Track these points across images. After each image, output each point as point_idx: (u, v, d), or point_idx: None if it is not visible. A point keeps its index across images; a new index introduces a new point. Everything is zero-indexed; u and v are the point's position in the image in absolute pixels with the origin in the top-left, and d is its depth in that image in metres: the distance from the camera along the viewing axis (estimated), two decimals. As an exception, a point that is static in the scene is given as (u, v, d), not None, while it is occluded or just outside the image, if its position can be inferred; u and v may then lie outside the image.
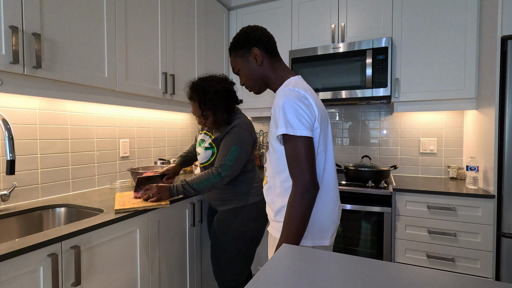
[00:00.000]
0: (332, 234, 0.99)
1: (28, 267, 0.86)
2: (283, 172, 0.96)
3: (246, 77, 1.05)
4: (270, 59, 1.04)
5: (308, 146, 0.87)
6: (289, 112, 0.88)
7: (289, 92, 0.91)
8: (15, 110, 1.32)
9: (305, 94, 0.93)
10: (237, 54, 1.05)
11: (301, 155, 0.86)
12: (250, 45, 1.02)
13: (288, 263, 0.61)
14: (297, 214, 0.86)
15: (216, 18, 2.36)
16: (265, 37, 1.03)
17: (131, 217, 1.20)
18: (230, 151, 1.31)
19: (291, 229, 0.86)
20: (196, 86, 1.36)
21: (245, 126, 1.36)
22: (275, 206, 0.99)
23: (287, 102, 0.89)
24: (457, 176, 2.05)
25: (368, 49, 1.97)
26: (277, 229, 0.98)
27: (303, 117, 0.88)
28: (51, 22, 1.16)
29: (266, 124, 2.78)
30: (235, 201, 1.40)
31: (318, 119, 0.93)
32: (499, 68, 1.54)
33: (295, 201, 0.86)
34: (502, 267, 1.52)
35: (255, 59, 1.02)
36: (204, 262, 1.70)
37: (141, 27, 1.61)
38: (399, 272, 0.56)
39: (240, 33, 1.05)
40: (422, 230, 1.71)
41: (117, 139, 1.82)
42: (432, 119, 2.21)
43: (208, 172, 1.32)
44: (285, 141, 0.90)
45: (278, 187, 0.98)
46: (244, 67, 1.04)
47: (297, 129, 0.86)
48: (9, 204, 1.30)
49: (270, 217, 1.04)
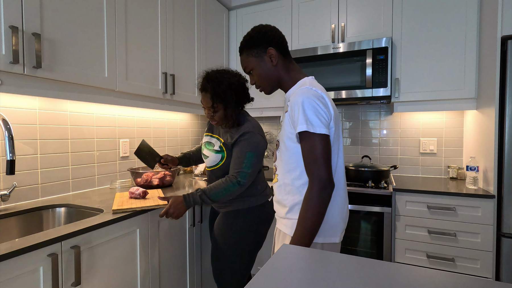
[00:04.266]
0: (341, 232, 1.00)
1: (28, 267, 0.86)
2: (295, 170, 0.97)
3: (260, 77, 1.04)
4: (284, 59, 1.03)
5: (326, 144, 0.89)
6: (308, 110, 0.89)
7: (307, 91, 0.92)
8: (15, 110, 1.32)
9: (322, 94, 0.93)
10: (250, 53, 1.03)
11: (319, 152, 0.87)
12: (265, 45, 1.01)
13: (288, 263, 0.61)
14: (314, 211, 0.87)
15: (216, 18, 2.36)
16: (279, 37, 1.02)
17: (131, 217, 1.20)
18: (246, 158, 1.27)
19: (307, 225, 0.87)
20: (211, 77, 1.32)
21: (256, 130, 1.33)
22: (286, 203, 0.99)
23: (306, 100, 0.90)
24: (457, 176, 2.05)
25: (368, 49, 1.97)
26: (288, 225, 0.98)
27: (321, 116, 0.89)
28: (51, 22, 1.16)
29: (266, 124, 2.78)
30: (238, 203, 1.37)
31: (333, 119, 0.94)
32: (499, 68, 1.54)
33: (312, 197, 0.87)
34: (502, 267, 1.52)
35: (270, 59, 1.01)
36: (204, 262, 1.70)
37: (141, 27, 1.61)
38: (399, 272, 0.56)
39: (254, 31, 1.03)
40: (422, 230, 1.71)
41: (117, 139, 1.82)
42: (432, 119, 2.21)
43: (226, 181, 1.27)
44: (303, 138, 0.91)
45: (289, 184, 0.98)
46: (258, 67, 1.03)
47: (317, 126, 0.88)
48: (9, 204, 1.30)
49: (279, 214, 1.04)
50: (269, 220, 1.43)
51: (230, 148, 1.35)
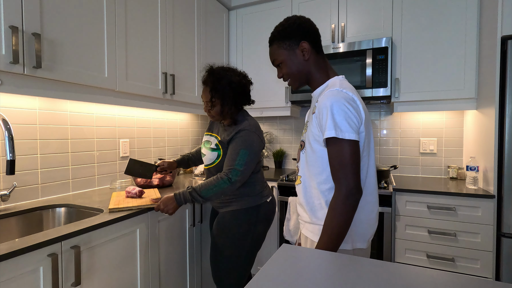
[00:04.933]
0: (369, 237, 0.96)
1: (28, 267, 0.86)
2: (321, 173, 0.93)
3: (290, 70, 0.98)
4: (317, 54, 0.98)
5: (354, 150, 0.85)
6: (338, 114, 0.85)
7: (337, 93, 0.87)
8: (15, 110, 1.32)
9: (353, 96, 0.89)
10: (282, 45, 0.97)
11: (347, 159, 0.84)
12: (299, 37, 0.95)
13: (288, 263, 0.61)
14: (340, 219, 0.83)
15: (216, 18, 2.36)
16: (314, 31, 0.97)
17: (131, 217, 1.20)
18: (239, 155, 1.27)
19: (332, 233, 0.83)
20: (213, 71, 1.35)
21: (253, 128, 1.33)
22: (310, 207, 0.96)
23: (335, 104, 0.85)
24: (457, 176, 2.05)
25: (368, 49, 1.97)
26: (312, 231, 0.95)
27: (351, 120, 0.85)
28: (51, 22, 1.16)
29: (266, 124, 2.78)
30: (236, 203, 1.37)
31: (364, 123, 0.89)
32: (499, 68, 1.54)
33: (337, 205, 0.84)
34: (502, 267, 1.52)
35: (302, 53, 0.96)
36: (204, 262, 1.70)
37: (141, 27, 1.61)
38: (399, 272, 0.56)
39: (288, 23, 0.97)
40: (422, 230, 1.71)
41: (117, 139, 1.82)
42: (432, 119, 2.21)
43: (217, 178, 1.26)
44: (330, 143, 0.86)
45: (314, 188, 0.95)
46: (289, 60, 0.97)
47: (346, 132, 0.84)
48: (9, 204, 1.30)
49: (303, 218, 1.00)
50: (268, 221, 1.43)
51: (226, 146, 1.35)
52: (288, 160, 2.70)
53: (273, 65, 1.02)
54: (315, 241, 0.93)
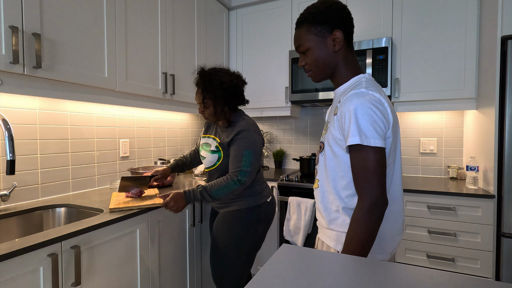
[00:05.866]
0: (392, 250, 0.89)
1: (28, 267, 0.86)
2: (342, 178, 0.86)
3: (316, 60, 0.89)
4: (347, 47, 0.89)
5: (380, 157, 0.77)
6: (362, 119, 0.77)
7: (362, 95, 0.79)
8: (15, 110, 1.32)
9: (381, 98, 0.80)
10: (312, 30, 0.87)
11: (372, 167, 0.76)
12: (333, 25, 0.85)
13: (288, 263, 0.61)
14: (363, 232, 0.76)
15: (216, 18, 2.36)
16: (350, 20, 0.88)
17: (131, 217, 1.20)
18: (244, 156, 1.28)
19: (356, 248, 0.76)
20: (204, 73, 1.36)
21: (252, 128, 1.34)
22: (329, 213, 0.89)
23: (360, 107, 0.77)
24: (457, 176, 2.05)
25: (368, 49, 1.97)
26: (332, 238, 0.89)
27: (378, 125, 0.77)
28: (51, 22, 1.16)
29: (266, 124, 2.78)
30: (236, 204, 1.37)
31: (392, 127, 0.81)
32: (499, 68, 1.54)
33: (361, 217, 0.77)
34: (502, 267, 1.52)
35: (333, 42, 0.86)
36: (204, 262, 1.70)
37: (141, 27, 1.61)
38: (399, 272, 0.56)
39: (323, 6, 0.86)
40: (422, 230, 1.71)
41: (117, 139, 1.82)
42: (432, 119, 2.21)
43: (226, 179, 1.27)
44: (354, 150, 0.79)
45: (333, 193, 0.88)
46: (317, 49, 0.87)
47: (371, 138, 0.76)
48: (9, 204, 1.30)
49: (321, 223, 0.94)
50: (268, 221, 1.43)
51: (226, 148, 1.35)
52: (288, 160, 2.70)
53: (296, 51, 0.92)
54: (331, 246, 0.89)
